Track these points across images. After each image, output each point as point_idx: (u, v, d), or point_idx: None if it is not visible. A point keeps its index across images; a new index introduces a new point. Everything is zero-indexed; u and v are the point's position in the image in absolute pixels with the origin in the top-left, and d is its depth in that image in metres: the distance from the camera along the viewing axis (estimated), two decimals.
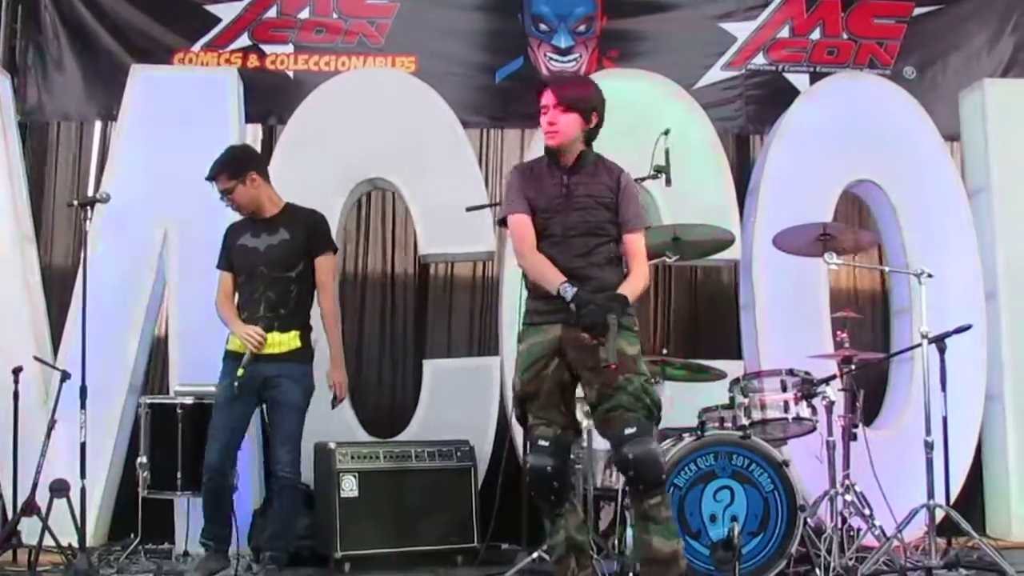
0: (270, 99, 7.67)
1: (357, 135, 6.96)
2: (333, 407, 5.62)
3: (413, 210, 7.06)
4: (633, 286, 4.43)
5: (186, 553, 5.92)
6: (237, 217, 5.63)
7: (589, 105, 4.56)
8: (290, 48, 7.80)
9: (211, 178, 5.49)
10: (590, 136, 4.60)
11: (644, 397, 4.34)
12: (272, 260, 5.41)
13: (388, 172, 7.07)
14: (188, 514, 5.96)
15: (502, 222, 4.62)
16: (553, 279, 4.32)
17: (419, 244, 7.11)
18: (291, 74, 7.80)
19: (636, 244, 4.53)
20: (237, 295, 5.51)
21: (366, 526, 6.04)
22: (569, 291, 4.25)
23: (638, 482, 4.31)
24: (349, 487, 6.04)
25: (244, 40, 7.73)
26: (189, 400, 5.87)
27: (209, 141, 6.65)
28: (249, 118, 7.34)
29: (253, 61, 7.74)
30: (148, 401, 5.99)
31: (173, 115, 6.84)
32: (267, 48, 7.78)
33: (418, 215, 7.05)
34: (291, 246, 5.45)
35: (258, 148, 7.50)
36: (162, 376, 6.82)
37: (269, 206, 5.55)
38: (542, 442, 4.43)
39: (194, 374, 6.20)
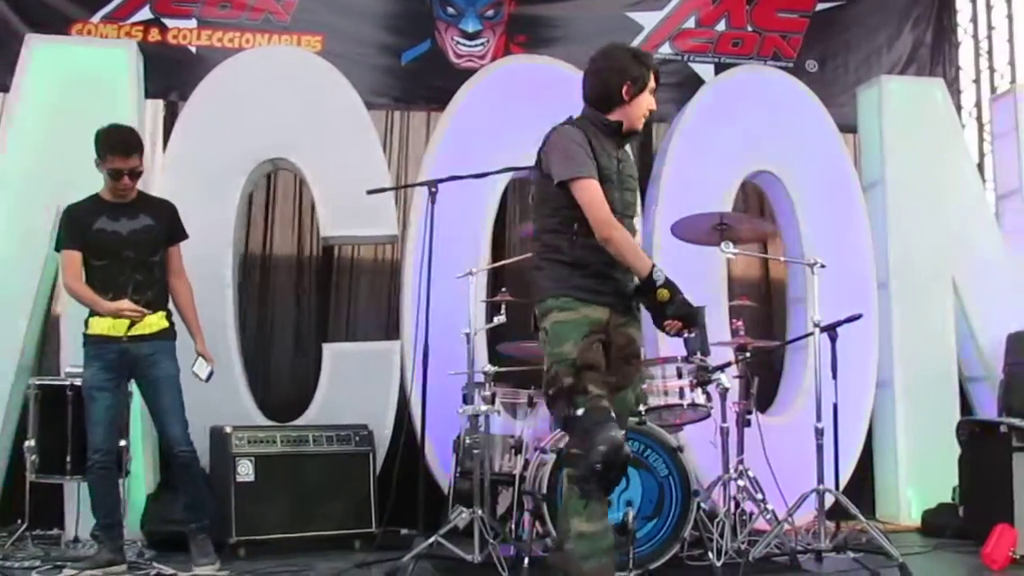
0: (171, 75, 7.53)
1: (259, 114, 6.87)
2: (206, 380, 5.51)
3: (315, 192, 7.01)
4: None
5: (76, 539, 5.82)
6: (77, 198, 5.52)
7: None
8: (193, 23, 7.67)
9: (131, 153, 5.37)
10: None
11: (639, 397, 4.36)
12: (139, 244, 5.37)
13: (291, 153, 7.00)
14: (78, 499, 5.86)
15: (564, 183, 4.14)
16: (644, 260, 4.12)
17: (321, 226, 7.05)
18: (194, 49, 7.66)
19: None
20: (91, 277, 5.38)
21: (262, 511, 6.00)
22: (662, 276, 4.08)
23: (611, 481, 4.07)
24: (245, 471, 5.99)
25: (145, 13, 7.57)
26: (80, 382, 5.63)
27: (106, 116, 6.48)
28: (149, 93, 7.19)
29: (154, 35, 7.59)
30: (37, 383, 5.87)
31: (69, 88, 6.67)
32: (169, 22, 7.63)
33: (320, 197, 7.00)
34: (155, 232, 5.44)
35: (159, 125, 7.39)
36: (56, 357, 6.66)
37: (131, 191, 5.49)
38: (613, 414, 4.04)
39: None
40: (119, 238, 5.35)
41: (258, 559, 5.72)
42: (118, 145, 5.33)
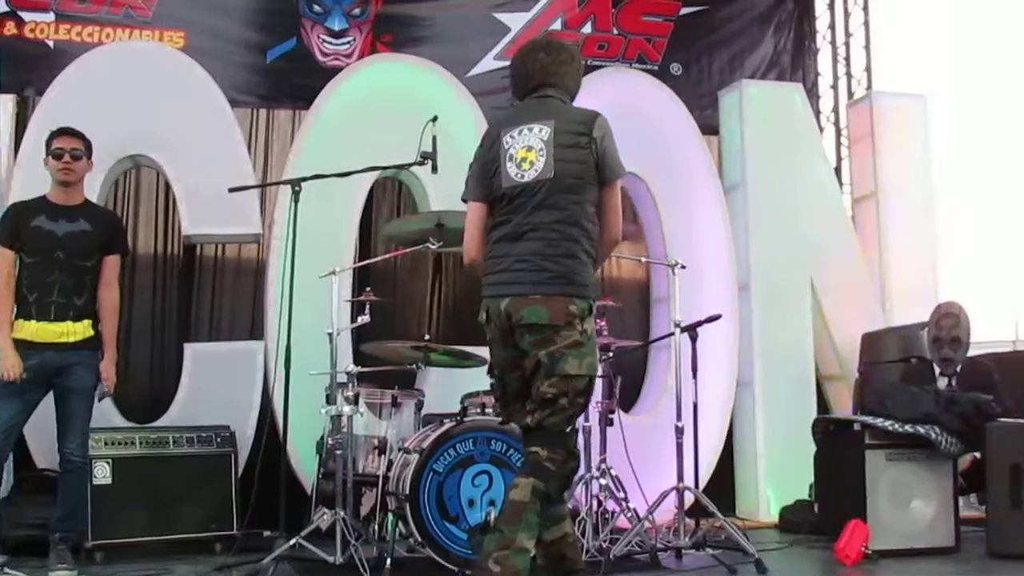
0: (28, 69, 7.29)
1: (119, 110, 6.70)
2: (99, 400, 5.49)
3: (177, 189, 6.88)
4: None
5: None
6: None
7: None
8: (51, 16, 7.44)
9: (73, 135, 5.44)
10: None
11: None
12: (71, 247, 5.38)
13: (152, 150, 6.86)
14: None
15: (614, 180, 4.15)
16: None
17: (183, 225, 6.93)
18: (51, 44, 7.44)
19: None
20: (22, 276, 5.38)
21: (120, 514, 5.89)
22: None
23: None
24: (102, 474, 5.87)
25: (1, 5, 7.33)
26: None
27: None
28: (3, 88, 7.00)
29: (10, 28, 7.35)
30: None
31: None
32: (26, 15, 7.39)
33: (182, 195, 6.88)
34: (91, 238, 5.44)
35: (11, 120, 7.17)
36: None
37: (77, 194, 5.53)
38: None
39: None
40: (53, 238, 5.36)
41: (116, 563, 5.62)
42: (61, 129, 5.48)
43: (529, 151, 4.05)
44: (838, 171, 9.02)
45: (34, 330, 5.29)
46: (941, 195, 8.71)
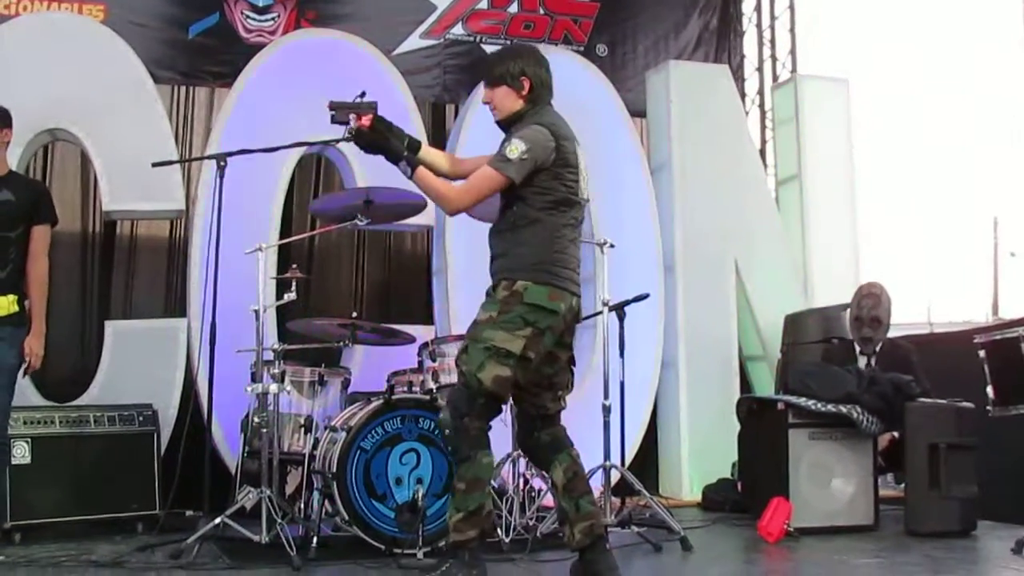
0: None
1: (36, 82, 6.56)
2: (24, 375, 5.35)
3: (97, 164, 6.76)
4: (434, 180, 4.48)
5: None
6: None
7: (511, 72, 4.48)
8: None
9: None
10: (534, 98, 4.52)
11: (462, 364, 4.33)
12: None
13: (71, 123, 6.73)
14: None
15: None
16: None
17: (103, 200, 6.81)
18: None
19: (478, 172, 4.46)
20: None
21: (39, 494, 5.76)
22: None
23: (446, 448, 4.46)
24: (21, 453, 5.74)
25: None
26: None
27: None
28: None
29: None
30: None
31: None
32: None
33: (102, 170, 6.75)
34: (14, 208, 5.25)
35: None
36: None
37: (1, 166, 5.33)
38: None
39: None
40: None
41: (35, 544, 5.49)
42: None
43: (584, 171, 4.62)
44: (763, 153, 9.13)
45: None
46: (861, 179, 8.85)
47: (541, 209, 4.41)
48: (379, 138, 4.35)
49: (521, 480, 5.75)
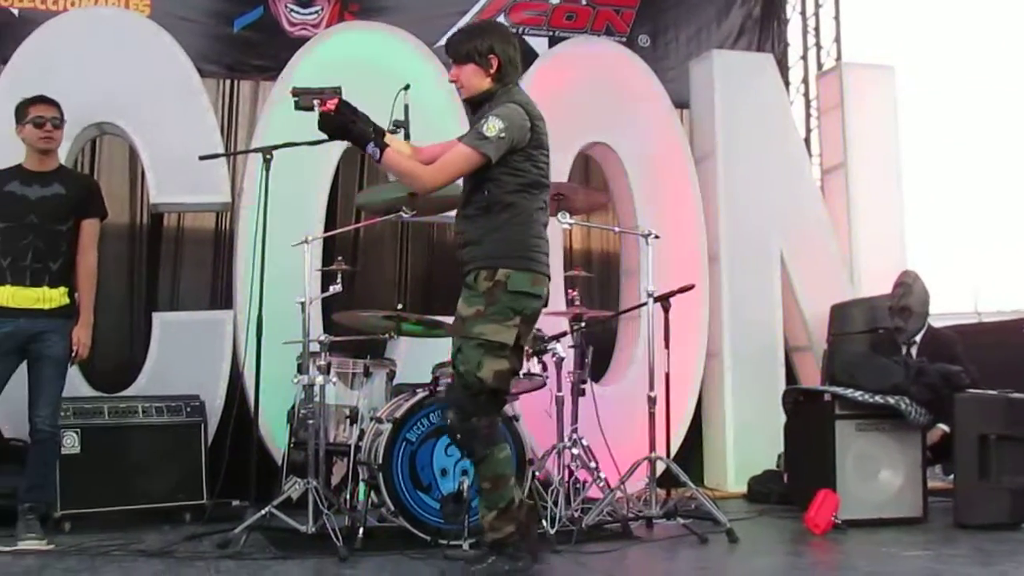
0: None
1: (85, 77, 6.62)
2: (71, 364, 5.44)
3: (144, 158, 6.83)
4: (404, 160, 4.43)
5: None
6: None
7: (480, 51, 4.41)
8: None
9: (51, 103, 5.43)
10: (502, 77, 4.47)
11: (459, 364, 4.31)
12: (45, 211, 5.34)
13: (118, 117, 6.80)
14: None
15: None
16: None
17: (150, 193, 6.88)
18: (15, 11, 7.33)
19: (449, 149, 4.42)
20: None
21: (88, 484, 5.84)
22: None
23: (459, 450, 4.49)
24: (71, 444, 5.83)
25: None
26: None
27: None
28: None
29: None
30: None
31: None
32: None
33: (149, 163, 6.82)
34: (65, 201, 5.40)
35: None
36: None
37: (52, 161, 5.50)
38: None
39: None
40: (26, 202, 5.33)
41: (84, 533, 5.57)
42: (37, 97, 5.43)
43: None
44: (807, 142, 9.04)
45: (9, 295, 5.24)
46: (908, 167, 8.75)
47: (514, 192, 4.36)
48: (345, 121, 4.29)
49: (566, 472, 5.75)
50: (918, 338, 6.61)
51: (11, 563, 4.82)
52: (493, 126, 4.27)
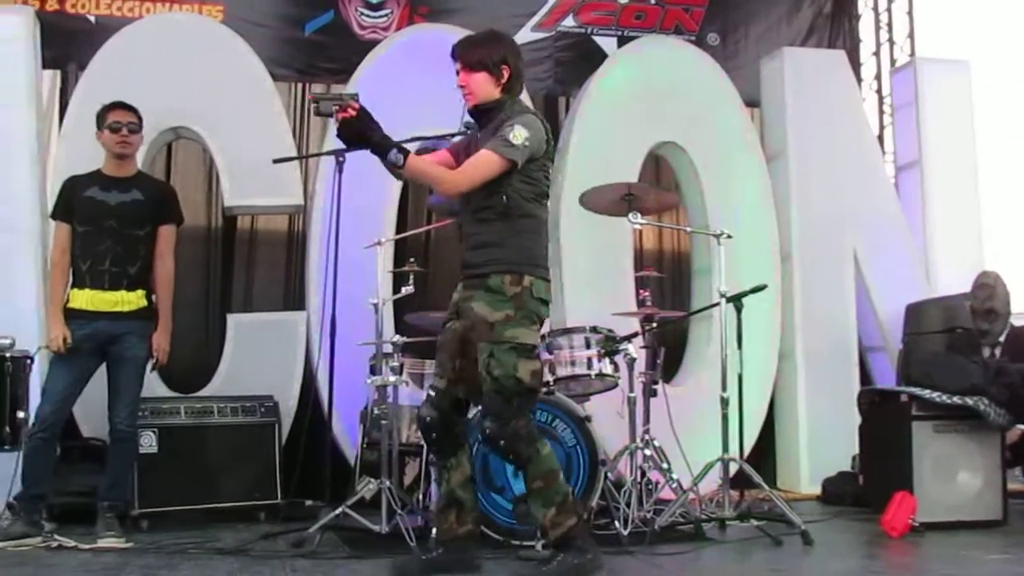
0: (70, 44, 7.32)
1: (161, 82, 6.71)
2: (152, 370, 5.57)
3: (218, 161, 6.92)
4: (429, 164, 4.54)
5: None
6: (79, 170, 5.67)
7: (493, 60, 4.50)
8: None
9: (129, 108, 5.58)
10: (511, 88, 4.55)
11: (492, 369, 4.31)
12: (123, 216, 5.47)
13: (193, 121, 6.89)
14: None
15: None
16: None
17: (224, 196, 6.96)
18: (93, 19, 7.46)
19: (477, 155, 4.41)
20: (75, 246, 5.49)
21: (165, 483, 5.93)
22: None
23: (503, 458, 4.44)
24: (148, 443, 5.92)
25: None
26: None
27: (2, 83, 6.40)
28: (46, 64, 6.99)
29: (52, 3, 7.35)
30: None
31: None
32: None
33: (223, 166, 6.91)
34: (143, 207, 5.53)
35: (56, 96, 7.23)
36: None
37: (130, 166, 5.64)
38: (430, 392, 4.57)
39: None
40: (105, 207, 5.46)
41: (161, 531, 5.65)
42: (115, 103, 5.57)
43: None
44: (881, 139, 8.92)
45: (88, 298, 5.37)
46: (985, 163, 8.60)
47: (530, 201, 4.49)
48: (365, 128, 4.27)
49: (639, 472, 5.73)
50: (1002, 338, 6.51)
51: (91, 560, 4.91)
52: (519, 134, 4.36)
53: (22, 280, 6.34)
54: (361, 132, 4.25)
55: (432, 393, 4.54)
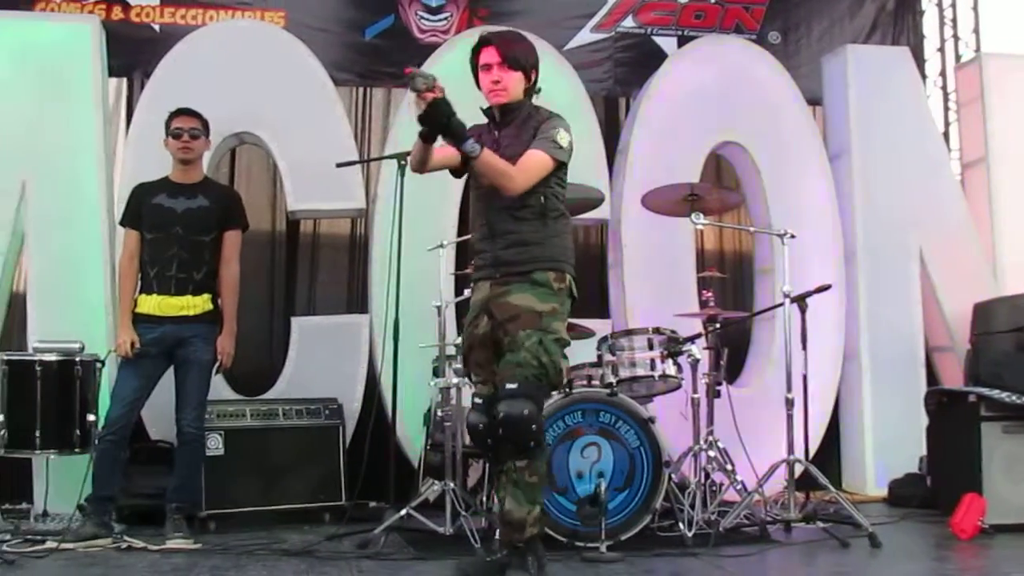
0: (135, 53, 7.42)
1: (224, 88, 6.80)
2: (217, 373, 5.66)
3: (281, 166, 6.98)
4: (500, 160, 4.36)
5: (45, 513, 5.78)
6: (148, 177, 5.79)
7: (530, 63, 4.55)
8: (156, 0, 7.56)
9: (191, 114, 5.69)
10: (529, 92, 4.59)
11: (540, 355, 4.31)
12: (189, 222, 5.56)
13: (256, 127, 6.96)
14: (47, 474, 5.85)
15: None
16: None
17: (288, 200, 7.02)
18: (157, 27, 7.55)
19: (529, 156, 4.39)
20: (143, 252, 5.59)
21: (232, 484, 6.01)
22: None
23: (505, 440, 4.31)
24: (215, 445, 5.99)
25: None
26: (49, 357, 5.68)
27: (69, 92, 6.53)
28: (112, 72, 7.09)
29: (117, 13, 7.48)
30: (5, 358, 5.77)
31: (32, 64, 6.60)
32: (132, 0, 7.53)
33: (286, 171, 6.96)
34: (209, 213, 5.62)
35: (122, 104, 7.35)
36: (20, 332, 6.60)
37: (196, 173, 5.74)
38: (476, 399, 4.52)
39: (53, 330, 6.06)
40: (172, 214, 5.56)
41: (228, 532, 5.72)
42: (179, 110, 5.69)
43: None
44: (946, 136, 8.80)
45: (155, 304, 5.47)
46: None
47: (562, 201, 4.54)
48: (450, 112, 4.18)
49: (703, 474, 5.71)
50: None
51: (160, 561, 4.97)
52: (564, 136, 4.45)
53: (91, 286, 6.43)
54: (446, 116, 4.17)
55: (479, 400, 4.49)
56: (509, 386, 4.29)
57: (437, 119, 4.14)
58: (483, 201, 4.56)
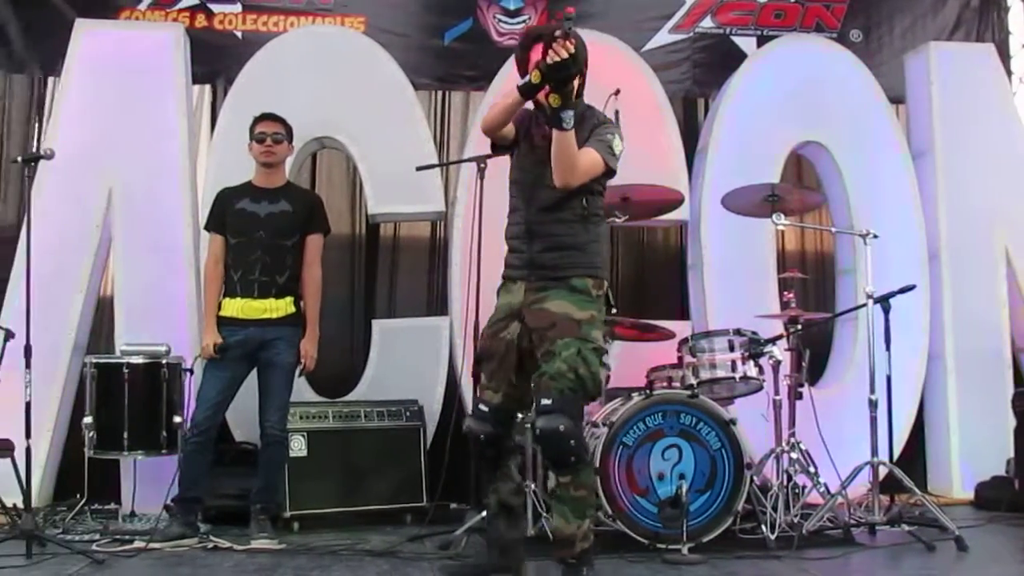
0: (218, 60, 7.57)
1: (305, 93, 6.88)
2: (299, 375, 5.72)
3: (362, 169, 7.04)
4: (573, 140, 4.19)
5: (133, 513, 5.90)
6: (231, 182, 5.89)
7: (586, 63, 4.39)
8: (238, 8, 7.70)
9: (273, 119, 5.77)
10: (580, 91, 4.47)
11: (578, 366, 4.19)
12: (272, 227, 5.64)
13: (337, 131, 7.03)
14: (135, 475, 5.94)
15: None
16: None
17: (368, 204, 7.08)
18: (239, 34, 7.70)
19: (586, 154, 4.27)
20: (227, 256, 5.68)
21: (315, 485, 6.07)
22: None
23: (545, 457, 4.30)
24: (298, 447, 6.06)
25: None
26: (137, 359, 5.81)
27: (154, 100, 6.66)
28: (196, 79, 7.25)
29: (200, 20, 7.64)
30: (94, 360, 5.90)
31: (118, 72, 6.75)
32: (215, 7, 7.67)
33: (367, 175, 7.03)
34: (292, 218, 5.69)
35: (205, 110, 7.48)
36: (108, 335, 6.75)
37: (278, 177, 5.81)
38: (482, 407, 4.44)
39: (139, 333, 6.19)
40: (255, 219, 5.65)
41: (312, 533, 5.78)
42: (263, 115, 5.77)
43: None
44: None
45: (239, 307, 5.55)
46: None
47: (601, 207, 4.47)
48: (577, 74, 4.07)
49: (785, 476, 5.67)
50: None
51: (246, 561, 5.05)
52: (618, 144, 4.37)
53: (178, 289, 6.56)
54: (572, 75, 4.02)
55: (485, 409, 4.41)
56: (544, 401, 4.18)
57: (572, 70, 3.97)
58: (522, 197, 4.47)
